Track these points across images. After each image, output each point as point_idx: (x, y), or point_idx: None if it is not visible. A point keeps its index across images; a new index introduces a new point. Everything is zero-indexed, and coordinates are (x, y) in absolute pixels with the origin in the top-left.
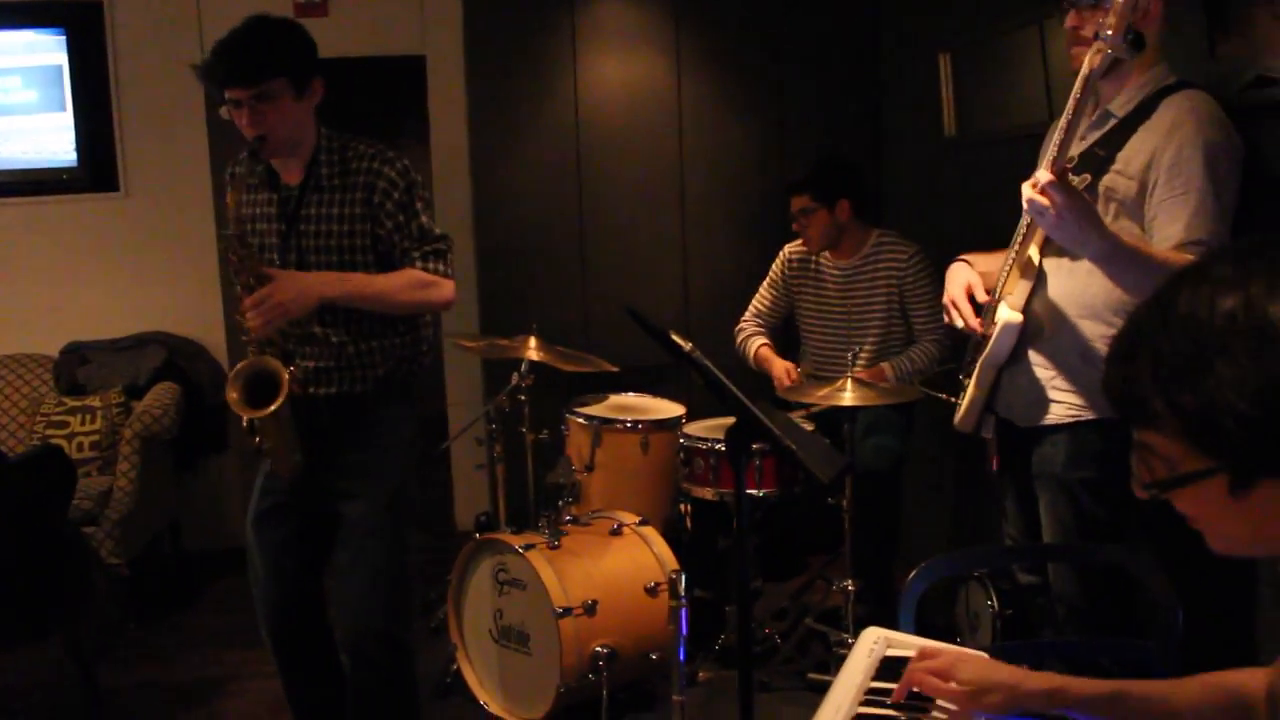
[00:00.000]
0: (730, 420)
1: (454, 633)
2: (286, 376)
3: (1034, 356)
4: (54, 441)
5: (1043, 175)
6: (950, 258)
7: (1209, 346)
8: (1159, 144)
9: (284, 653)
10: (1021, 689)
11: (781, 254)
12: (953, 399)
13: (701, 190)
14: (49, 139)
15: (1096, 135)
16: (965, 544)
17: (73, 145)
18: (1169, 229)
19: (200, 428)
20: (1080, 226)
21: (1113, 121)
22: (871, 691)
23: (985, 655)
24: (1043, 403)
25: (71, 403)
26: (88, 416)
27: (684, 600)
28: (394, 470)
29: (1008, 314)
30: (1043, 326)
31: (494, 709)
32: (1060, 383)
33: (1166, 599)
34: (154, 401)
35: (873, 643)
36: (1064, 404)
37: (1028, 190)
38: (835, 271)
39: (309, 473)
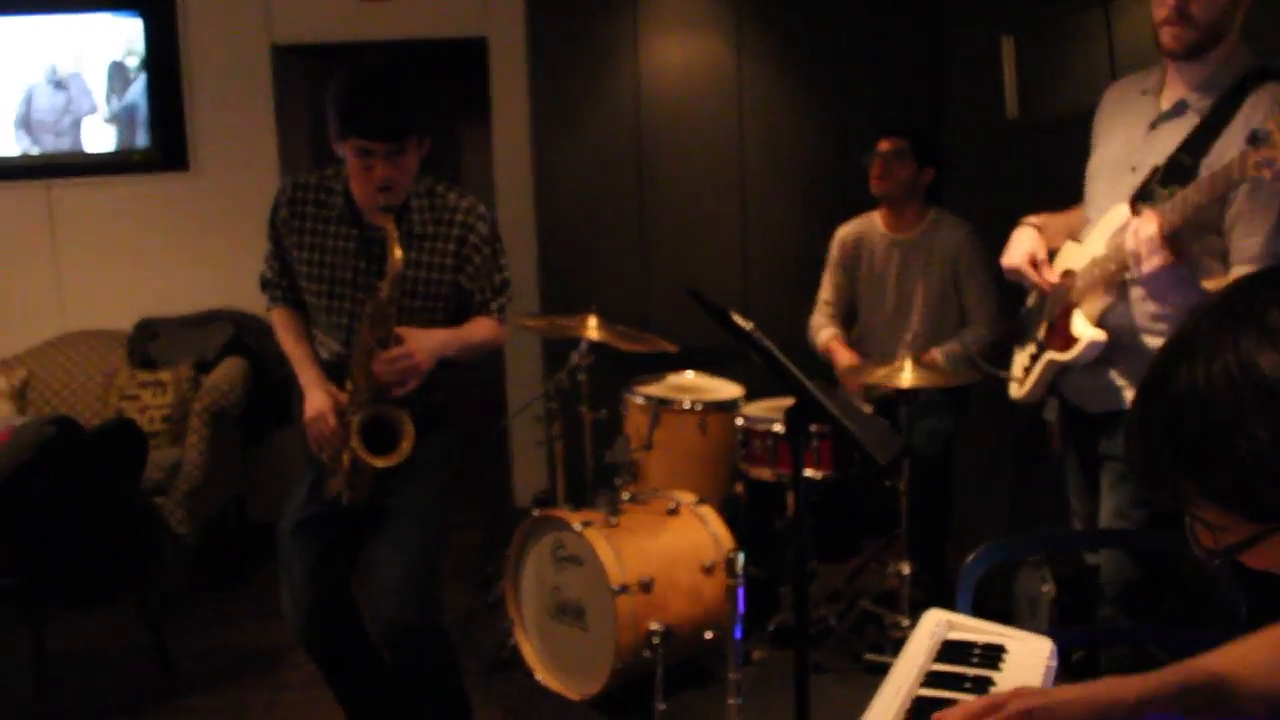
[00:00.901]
0: (789, 401)
1: (511, 608)
2: (410, 428)
3: (1109, 357)
4: (127, 414)
5: (1149, 229)
6: (999, 239)
7: (1219, 420)
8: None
9: (320, 655)
10: (1067, 705)
11: (835, 237)
12: (1005, 374)
13: (761, 172)
14: (124, 120)
15: (1174, 130)
16: (1019, 527)
17: (147, 126)
18: (1246, 241)
19: (266, 402)
20: (1169, 289)
21: (1193, 118)
22: (932, 674)
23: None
24: (1115, 390)
25: (144, 377)
26: (159, 390)
27: (740, 579)
28: (437, 473)
29: (1091, 332)
30: (1120, 335)
31: (550, 684)
32: (1134, 375)
33: (1229, 588)
34: (222, 377)
35: (934, 625)
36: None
37: (1131, 239)
38: (889, 246)
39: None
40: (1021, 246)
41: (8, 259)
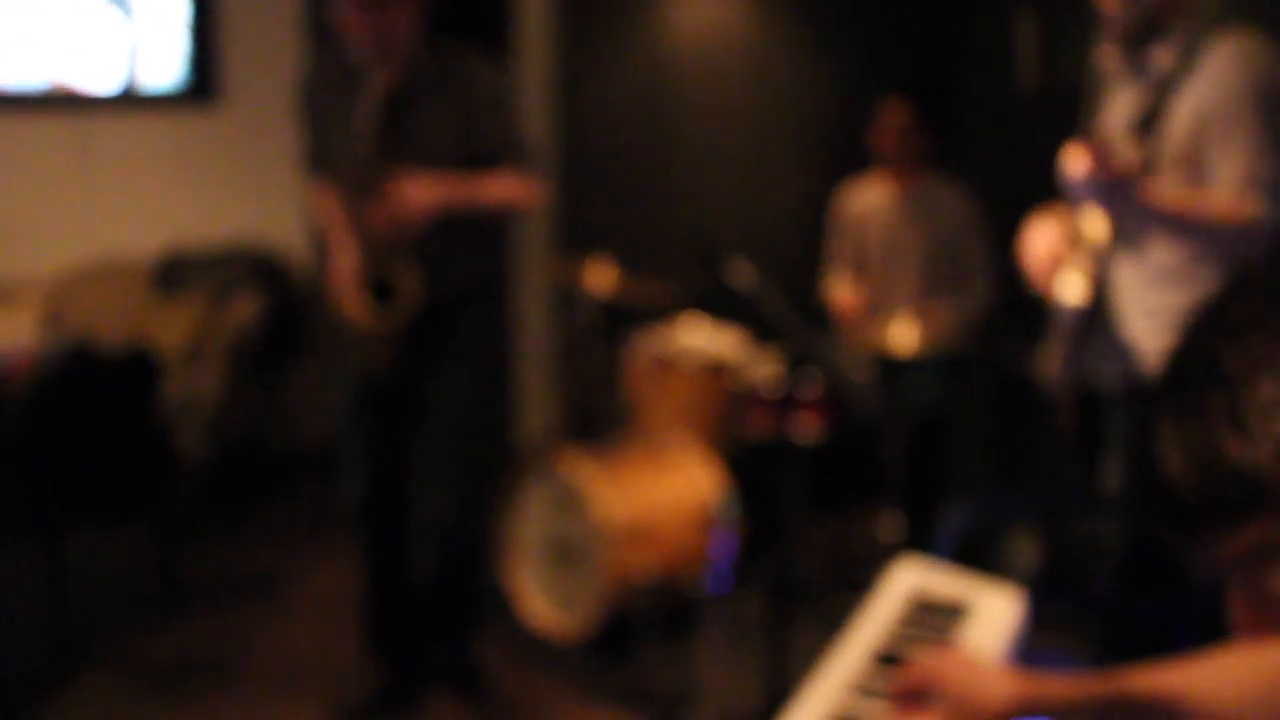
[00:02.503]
0: (791, 362)
1: (505, 541)
2: (411, 282)
3: (1122, 324)
4: (148, 341)
5: (1080, 161)
6: (1019, 211)
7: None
8: (1206, 95)
9: (372, 536)
10: (1045, 701)
11: (837, 200)
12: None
13: (780, 128)
14: (158, 50)
15: (1140, 94)
16: (1019, 491)
17: (181, 56)
18: (1224, 166)
19: (285, 335)
20: (1118, 202)
21: (1155, 78)
22: (894, 632)
23: (990, 665)
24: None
25: (166, 304)
26: (180, 319)
27: (724, 526)
28: (478, 364)
29: (1070, 292)
30: (1116, 305)
31: (538, 620)
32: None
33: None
34: (243, 308)
35: (908, 579)
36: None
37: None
38: (888, 207)
39: (398, 367)
40: (1042, 242)
41: (36, 186)
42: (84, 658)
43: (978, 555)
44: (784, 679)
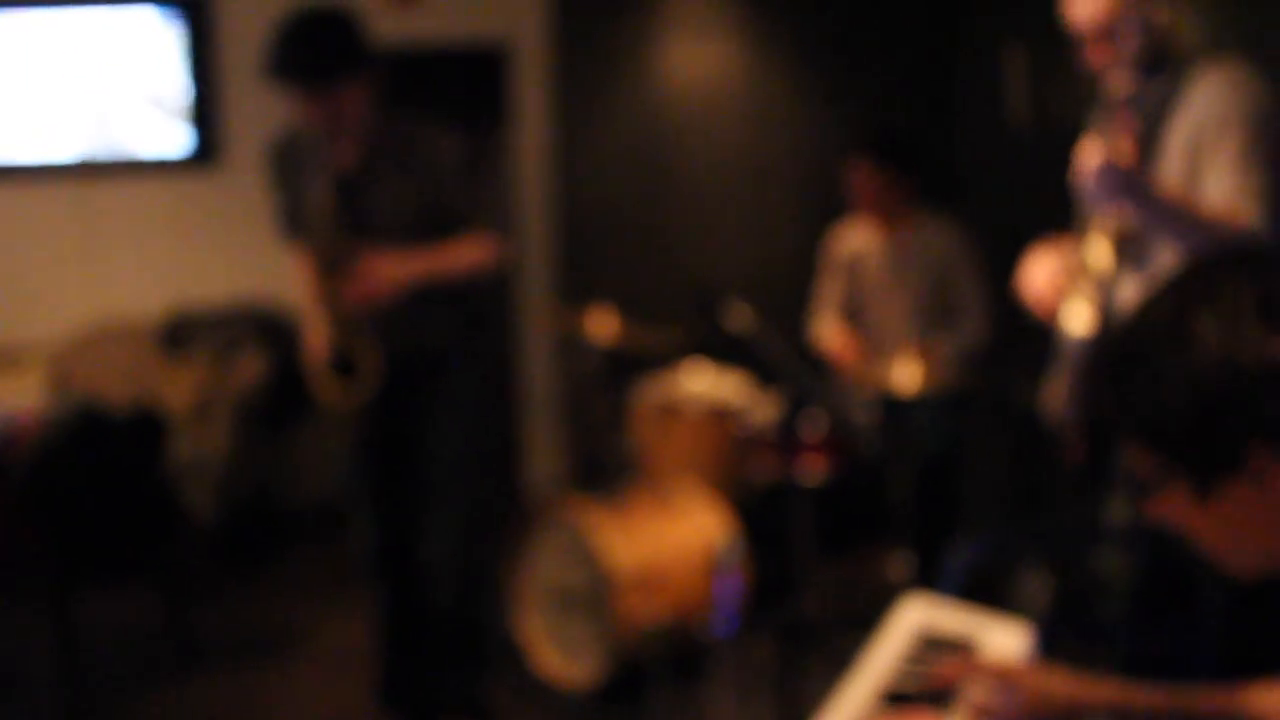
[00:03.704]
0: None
1: (514, 589)
2: (372, 363)
3: None
4: (155, 401)
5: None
6: (1013, 246)
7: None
8: (1197, 121)
9: (385, 585)
10: (1080, 703)
11: (828, 242)
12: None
13: (777, 175)
14: (160, 116)
15: (1128, 119)
16: (1028, 525)
17: (184, 121)
18: (1215, 184)
19: (292, 393)
20: (1131, 198)
21: (1146, 109)
22: (902, 670)
23: (1035, 664)
24: None
25: (172, 364)
26: (186, 378)
27: (729, 571)
28: (471, 412)
29: (1075, 323)
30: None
31: (547, 669)
32: None
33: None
34: (248, 366)
35: (911, 613)
36: None
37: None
38: (879, 251)
39: (396, 421)
40: (1042, 274)
41: (41, 250)
42: (92, 718)
43: (987, 591)
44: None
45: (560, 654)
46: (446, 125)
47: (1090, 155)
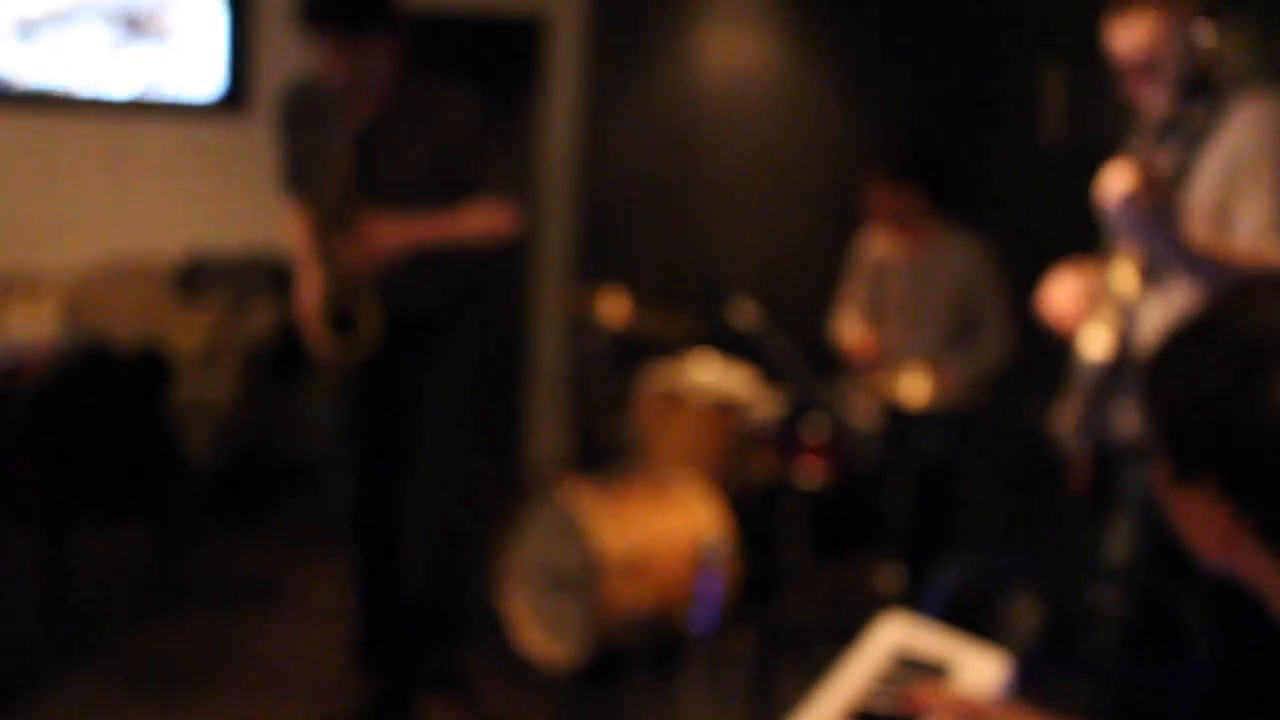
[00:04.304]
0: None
1: (503, 564)
2: (370, 320)
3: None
4: (165, 342)
5: (1121, 180)
6: (1041, 266)
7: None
8: (1234, 150)
9: (361, 547)
10: None
11: (857, 243)
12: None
13: (802, 170)
14: (196, 61)
15: (1168, 151)
16: (1023, 551)
17: (217, 67)
18: (1248, 215)
19: (299, 346)
20: (1155, 231)
21: (1185, 134)
22: (874, 688)
23: (1003, 701)
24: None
25: (184, 307)
26: (197, 322)
27: (716, 565)
28: (463, 378)
29: (1093, 346)
30: (1141, 357)
31: (527, 644)
32: None
33: (1201, 632)
34: (259, 316)
35: (892, 635)
36: None
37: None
38: (902, 263)
39: (385, 381)
40: (1066, 294)
41: (67, 183)
42: (77, 653)
43: (973, 614)
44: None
45: (543, 632)
46: (468, 91)
47: (1115, 181)
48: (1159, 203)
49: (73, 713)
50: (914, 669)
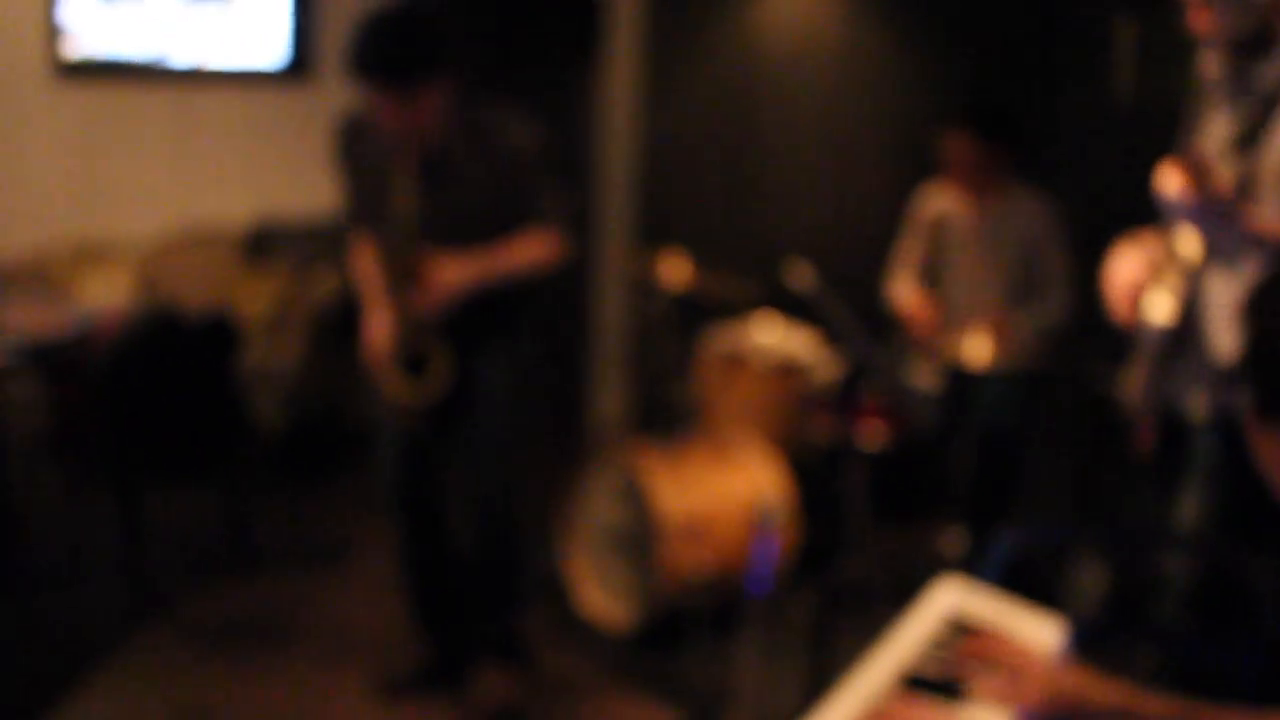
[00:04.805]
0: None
1: (565, 529)
2: (442, 364)
3: (1213, 346)
4: (231, 307)
5: (1175, 181)
6: (1110, 229)
7: None
8: None
9: (406, 530)
10: (1089, 701)
11: (918, 201)
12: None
13: (864, 132)
14: (261, 30)
15: (1241, 111)
16: (1089, 517)
17: (282, 35)
18: None
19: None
20: (1214, 224)
21: (1259, 94)
22: (931, 650)
23: (1053, 656)
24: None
25: (252, 274)
26: (265, 289)
27: (772, 529)
28: (521, 345)
29: (1157, 311)
30: (1206, 324)
31: (588, 606)
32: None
33: (1271, 601)
34: (326, 282)
35: (947, 600)
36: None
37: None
38: (968, 221)
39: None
40: (1124, 271)
41: (139, 152)
42: (149, 612)
43: (1042, 579)
44: (825, 687)
45: (603, 594)
46: (524, 116)
47: (1168, 181)
48: (1213, 201)
49: (141, 670)
50: (968, 634)
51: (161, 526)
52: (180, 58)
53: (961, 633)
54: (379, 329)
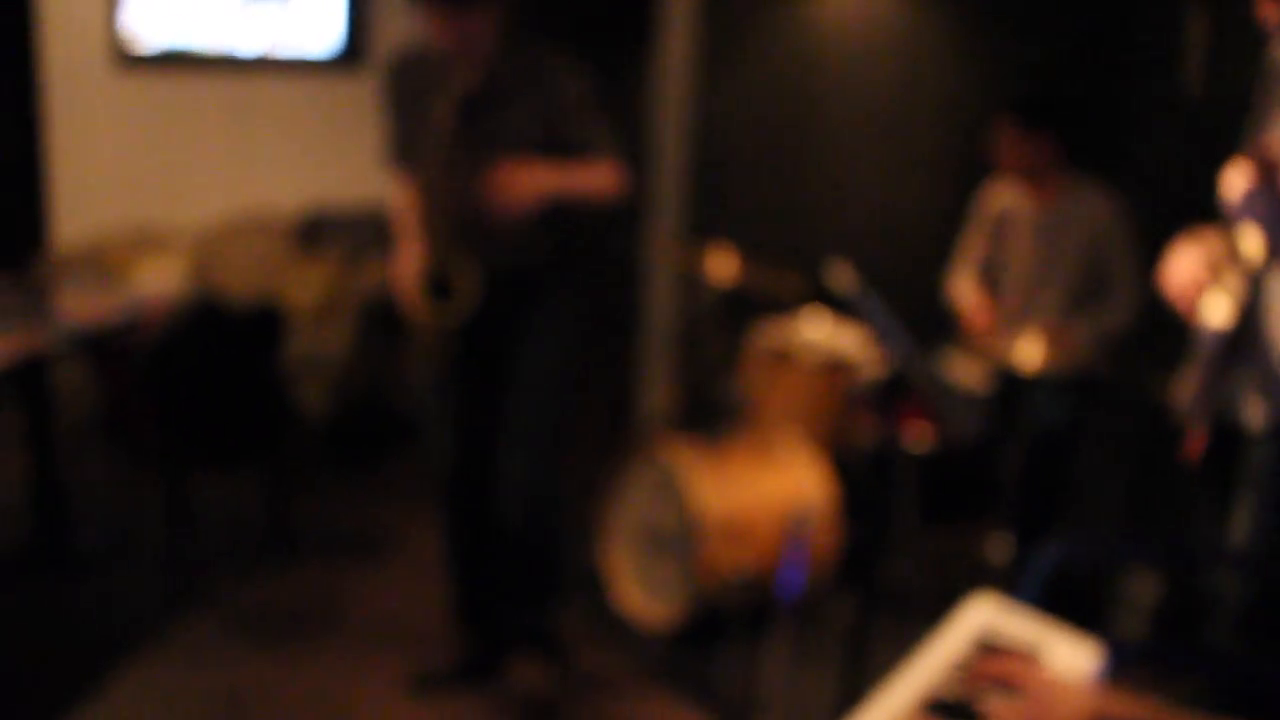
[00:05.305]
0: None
1: (605, 523)
2: (469, 282)
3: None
4: (281, 295)
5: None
6: (1178, 224)
7: None
8: None
9: (455, 510)
10: None
11: (982, 196)
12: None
13: (924, 127)
14: (315, 19)
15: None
16: (1141, 528)
17: (336, 24)
18: None
19: None
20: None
21: None
22: (956, 673)
23: (1085, 681)
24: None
25: (303, 261)
26: (315, 276)
27: (807, 534)
28: (560, 340)
29: (1215, 314)
30: (1266, 329)
31: (626, 603)
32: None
33: None
34: (375, 271)
35: (978, 618)
36: None
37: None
38: (1028, 217)
39: (483, 341)
40: (1185, 268)
41: (195, 140)
42: (188, 595)
43: (1089, 592)
44: (858, 696)
45: (642, 591)
46: (574, 59)
47: (1235, 178)
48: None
49: (178, 652)
50: (998, 655)
51: (205, 511)
52: (237, 47)
53: (990, 653)
54: (408, 255)
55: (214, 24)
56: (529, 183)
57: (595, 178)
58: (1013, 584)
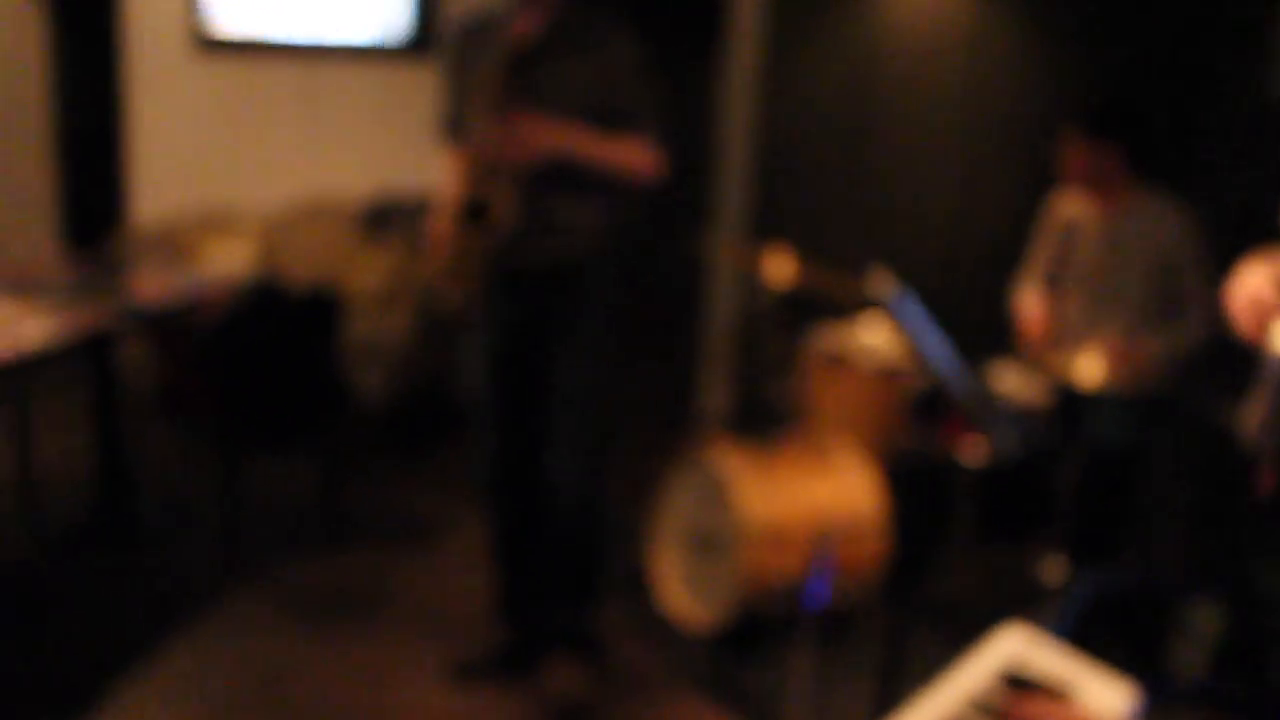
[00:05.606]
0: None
1: (654, 522)
2: (507, 202)
3: None
4: (345, 280)
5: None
6: (1259, 238)
7: None
8: None
9: (500, 507)
10: None
11: (1052, 205)
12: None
13: (991, 131)
14: (385, 6)
15: None
16: (1205, 557)
17: (405, 11)
18: None
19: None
20: None
21: None
22: (974, 714)
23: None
24: None
25: (367, 247)
26: (379, 262)
27: (834, 548)
28: (600, 339)
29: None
30: None
31: (670, 604)
32: None
33: None
34: None
35: (1007, 650)
36: None
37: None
38: (1095, 229)
39: (524, 340)
40: (1250, 287)
41: (267, 126)
42: (240, 573)
43: (1153, 621)
44: (891, 710)
45: (687, 593)
46: (633, 32)
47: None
48: None
49: (226, 628)
50: (1023, 691)
51: (260, 492)
52: (311, 34)
53: (1017, 688)
54: (440, 218)
55: (289, 10)
56: (546, 133)
57: (626, 152)
58: (1063, 609)
